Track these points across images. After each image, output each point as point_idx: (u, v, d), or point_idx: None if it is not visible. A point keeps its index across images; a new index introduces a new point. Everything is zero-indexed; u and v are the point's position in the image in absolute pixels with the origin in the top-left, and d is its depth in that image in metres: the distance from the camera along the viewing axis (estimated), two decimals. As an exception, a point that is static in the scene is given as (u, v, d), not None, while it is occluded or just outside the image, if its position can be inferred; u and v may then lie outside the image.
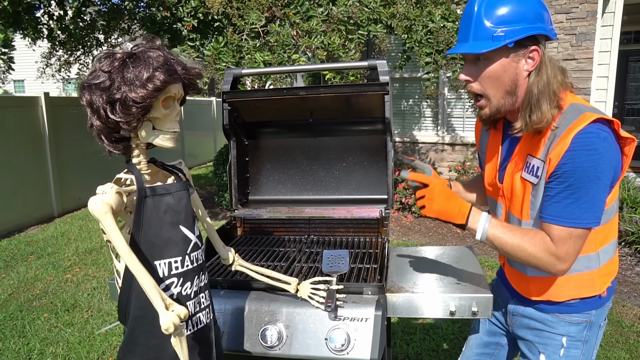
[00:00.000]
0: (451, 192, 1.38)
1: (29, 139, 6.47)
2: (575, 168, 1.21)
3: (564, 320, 1.42)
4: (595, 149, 1.19)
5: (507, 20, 1.24)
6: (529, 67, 1.27)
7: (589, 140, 1.19)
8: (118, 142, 1.12)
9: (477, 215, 1.35)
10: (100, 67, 1.06)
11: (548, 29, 1.26)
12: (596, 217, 1.24)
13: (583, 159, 1.19)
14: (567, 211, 1.24)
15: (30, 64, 8.11)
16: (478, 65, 1.31)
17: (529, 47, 1.25)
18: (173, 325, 0.99)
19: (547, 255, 1.27)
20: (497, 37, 1.24)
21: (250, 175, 2.33)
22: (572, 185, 1.22)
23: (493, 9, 1.26)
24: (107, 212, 0.99)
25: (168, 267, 1.13)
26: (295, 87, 2.66)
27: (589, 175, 1.20)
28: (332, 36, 3.91)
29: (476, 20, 1.28)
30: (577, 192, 1.22)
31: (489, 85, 1.31)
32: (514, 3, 1.24)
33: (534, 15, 1.24)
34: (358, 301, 1.52)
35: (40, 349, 3.25)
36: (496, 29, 1.24)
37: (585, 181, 1.20)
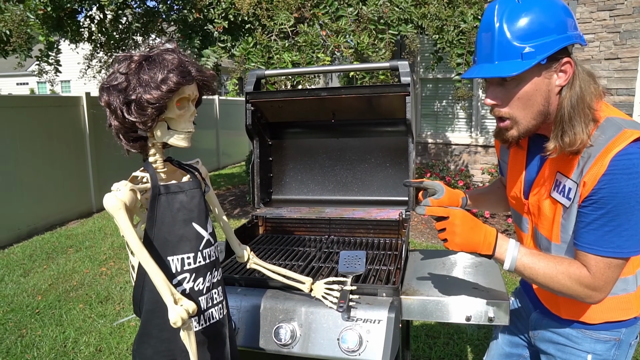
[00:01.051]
0: (474, 221, 1.25)
1: (70, 137, 6.75)
2: (614, 193, 1.09)
3: (590, 337, 1.33)
4: (637, 172, 1.08)
5: (535, 33, 1.11)
6: (561, 81, 1.15)
7: (630, 163, 1.08)
8: (135, 141, 1.17)
9: (505, 244, 1.24)
10: (118, 69, 1.10)
11: (577, 36, 1.15)
12: (638, 245, 1.13)
13: (622, 183, 1.08)
14: (605, 240, 1.13)
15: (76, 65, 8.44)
16: (506, 87, 1.17)
17: (561, 60, 1.13)
18: (181, 320, 1.02)
19: (583, 288, 1.17)
20: (528, 54, 1.10)
21: (273, 175, 2.36)
22: (610, 211, 1.11)
23: (516, 22, 1.12)
24: (121, 209, 1.03)
25: (181, 262, 1.16)
26: (317, 87, 2.67)
27: (630, 201, 1.09)
28: (362, 36, 3.91)
29: (499, 37, 1.13)
30: (616, 219, 1.11)
31: (520, 107, 1.18)
32: (539, 13, 1.12)
33: (561, 24, 1.12)
34: (372, 303, 1.51)
35: (74, 337, 3.39)
36: (524, 45, 1.11)
37: (626, 208, 1.09)
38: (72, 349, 3.26)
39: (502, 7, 1.15)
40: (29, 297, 4.13)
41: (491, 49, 1.15)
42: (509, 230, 5.71)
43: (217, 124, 11.76)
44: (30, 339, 3.40)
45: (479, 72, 1.19)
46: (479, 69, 1.19)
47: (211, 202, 1.41)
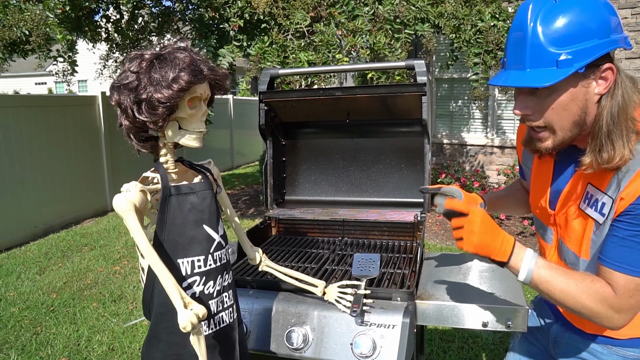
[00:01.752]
0: (495, 224, 1.15)
1: (86, 136, 6.82)
2: None
3: (616, 353, 1.24)
4: None
5: (573, 38, 0.99)
6: (601, 89, 1.03)
7: None
8: (146, 141, 1.15)
9: (522, 253, 1.13)
10: (129, 67, 1.08)
11: (622, 39, 1.03)
12: None
13: None
14: (637, 257, 1.02)
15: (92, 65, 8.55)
16: (538, 97, 1.06)
17: (602, 67, 1.01)
18: (191, 324, 1.00)
19: (605, 309, 1.06)
20: (564, 62, 0.98)
21: (286, 176, 2.33)
22: None
23: (553, 25, 1.00)
24: (130, 210, 1.01)
25: (191, 265, 1.14)
26: (332, 87, 2.64)
27: None
28: (378, 35, 3.87)
29: (532, 41, 1.01)
30: None
31: (554, 117, 1.07)
32: (579, 14, 0.99)
33: (604, 26, 1.00)
34: (386, 307, 1.48)
35: (88, 336, 3.41)
36: (561, 52, 0.99)
37: None
38: (85, 347, 3.28)
39: (537, 6, 1.02)
40: (44, 295, 4.17)
41: (523, 54, 1.04)
42: (525, 233, 5.61)
43: (232, 124, 11.79)
44: (44, 337, 3.43)
45: (508, 80, 1.08)
46: (508, 76, 1.09)
47: (223, 203, 1.39)
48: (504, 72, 1.11)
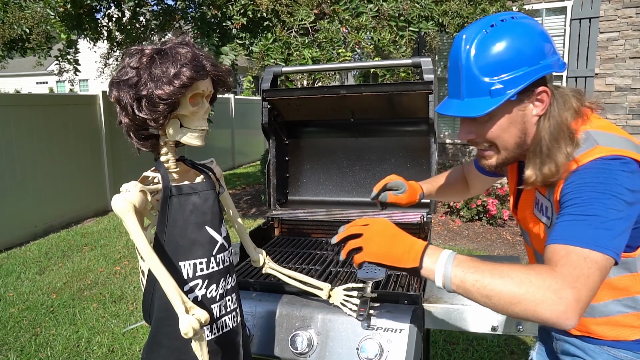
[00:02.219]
0: (397, 229, 1.06)
1: (87, 135, 6.78)
2: (581, 186, 0.97)
3: (607, 352, 1.16)
4: (606, 169, 0.96)
5: (503, 67, 1.01)
6: (538, 111, 1.06)
7: (599, 163, 0.98)
8: (146, 139, 1.11)
9: (437, 254, 0.98)
10: (129, 63, 1.05)
11: (554, 63, 1.04)
12: (614, 245, 0.92)
13: (590, 176, 0.97)
14: (577, 229, 0.93)
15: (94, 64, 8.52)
16: (479, 122, 1.09)
17: (536, 91, 1.04)
18: (192, 330, 0.96)
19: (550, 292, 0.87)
20: (496, 91, 1.02)
21: (289, 175, 2.29)
22: (582, 202, 0.95)
23: (484, 55, 1.02)
24: (130, 211, 0.97)
25: (193, 268, 1.10)
26: (337, 85, 2.60)
27: (599, 188, 0.95)
28: (382, 32, 3.82)
29: (466, 72, 1.04)
30: (588, 208, 0.94)
31: (495, 140, 1.10)
32: (509, 43, 1.01)
33: (535, 53, 1.02)
34: (393, 311, 1.44)
35: (88, 337, 3.37)
36: (493, 81, 1.02)
37: (596, 197, 0.94)
38: (85, 348, 3.24)
39: (469, 37, 1.05)
40: (43, 295, 4.13)
41: (459, 83, 1.07)
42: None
43: (233, 123, 11.76)
44: (44, 338, 3.39)
45: (447, 109, 1.11)
46: (448, 105, 1.12)
47: (225, 204, 1.35)
48: (446, 101, 1.14)
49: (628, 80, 6.54)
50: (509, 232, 5.69)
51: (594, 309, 1.10)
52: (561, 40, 7.06)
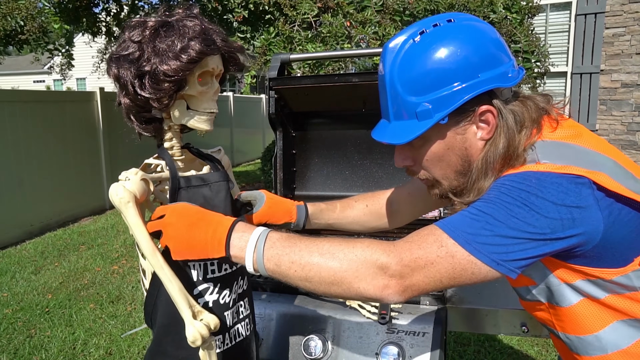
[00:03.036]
0: (200, 213, 0.88)
1: (84, 132, 6.66)
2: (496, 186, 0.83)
3: None
4: (537, 178, 0.80)
5: (431, 84, 0.83)
6: (483, 134, 0.87)
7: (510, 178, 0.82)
8: (148, 123, 0.99)
9: (245, 237, 0.84)
10: (130, 36, 0.93)
11: (500, 75, 0.84)
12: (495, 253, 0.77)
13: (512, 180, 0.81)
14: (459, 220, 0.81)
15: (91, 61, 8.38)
16: (413, 147, 0.92)
17: (477, 111, 0.85)
18: (201, 338, 0.84)
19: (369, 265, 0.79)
20: (423, 112, 0.84)
21: (297, 169, 2.18)
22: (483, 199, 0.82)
23: (410, 70, 0.85)
24: (130, 202, 0.85)
25: (203, 270, 0.98)
26: (348, 73, 2.48)
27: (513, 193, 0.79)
28: (387, 27, 3.72)
29: (391, 90, 0.88)
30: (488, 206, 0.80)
31: (432, 168, 0.93)
32: (439, 54, 0.83)
33: (471, 64, 0.83)
34: (414, 312, 1.34)
35: (84, 339, 3.26)
36: (418, 102, 0.85)
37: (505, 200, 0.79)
38: (82, 351, 3.12)
39: (396, 47, 0.87)
40: (39, 296, 4.01)
41: (385, 103, 0.91)
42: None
43: (232, 122, 11.64)
44: (38, 340, 3.27)
45: (375, 133, 0.95)
46: (378, 129, 0.95)
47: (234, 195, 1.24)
48: (376, 128, 0.97)
49: (634, 76, 6.44)
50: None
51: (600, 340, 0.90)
52: (566, 36, 6.96)
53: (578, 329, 0.90)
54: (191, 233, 0.84)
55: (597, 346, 0.89)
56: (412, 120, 0.87)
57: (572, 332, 0.91)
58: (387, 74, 0.88)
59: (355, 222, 1.33)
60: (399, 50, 0.87)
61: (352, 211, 1.33)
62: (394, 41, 0.89)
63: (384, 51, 0.89)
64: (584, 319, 0.89)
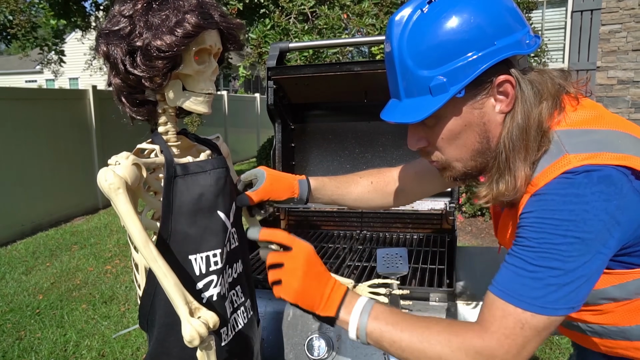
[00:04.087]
0: (322, 267, 0.87)
1: (76, 131, 6.55)
2: (540, 221, 0.75)
3: None
4: (573, 194, 0.74)
5: (445, 56, 0.78)
6: (502, 107, 0.81)
7: (563, 184, 0.75)
8: (141, 105, 0.92)
9: (352, 302, 0.84)
10: (121, 11, 0.85)
11: (518, 42, 0.79)
12: (569, 301, 0.74)
13: (552, 208, 0.75)
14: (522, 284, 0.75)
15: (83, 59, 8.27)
16: (427, 126, 0.86)
17: (495, 82, 0.80)
18: (199, 337, 0.76)
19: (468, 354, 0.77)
20: (437, 87, 0.78)
21: (296, 163, 2.11)
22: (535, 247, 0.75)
23: (420, 41, 0.79)
24: (120, 188, 0.78)
25: (206, 262, 0.91)
26: (350, 62, 2.41)
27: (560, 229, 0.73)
28: (384, 19, 3.65)
29: (400, 65, 0.81)
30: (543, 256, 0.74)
31: (448, 147, 0.87)
32: (450, 23, 0.77)
33: (487, 32, 0.77)
34: (424, 309, 1.27)
35: (76, 340, 3.16)
36: (432, 75, 0.78)
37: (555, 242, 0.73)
38: (73, 353, 3.03)
39: (403, 19, 0.80)
40: (29, 296, 3.91)
41: (395, 80, 0.84)
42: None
43: (226, 121, 11.55)
44: (28, 342, 3.17)
45: (385, 113, 0.88)
46: (388, 108, 0.88)
47: (233, 187, 1.16)
48: (389, 103, 0.89)
49: (630, 73, 6.42)
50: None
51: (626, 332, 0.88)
52: (562, 33, 6.93)
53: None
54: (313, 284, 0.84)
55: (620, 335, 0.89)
56: (426, 96, 0.80)
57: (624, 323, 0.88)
58: (395, 49, 0.81)
59: (359, 199, 1.29)
60: (407, 22, 0.80)
61: (356, 187, 1.28)
62: (399, 14, 0.81)
63: (390, 25, 0.83)
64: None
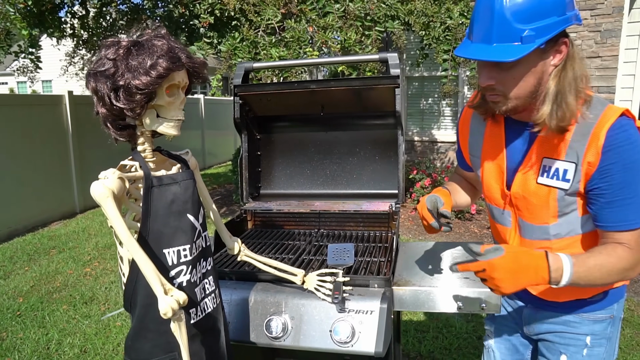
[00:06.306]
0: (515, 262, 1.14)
1: (53, 136, 6.62)
2: (625, 166, 1.12)
3: (588, 319, 1.35)
4: (636, 140, 1.13)
5: (535, 15, 1.06)
6: (556, 61, 1.13)
7: (627, 134, 1.12)
8: (123, 129, 1.14)
9: (557, 263, 1.14)
10: (106, 54, 1.07)
11: (575, 16, 1.12)
12: None
13: (629, 153, 1.12)
14: (632, 212, 1.14)
15: (57, 63, 8.29)
16: (501, 69, 1.14)
17: (559, 41, 1.11)
18: (171, 310, 0.99)
19: (631, 264, 1.16)
20: (527, 37, 1.06)
21: (261, 169, 2.34)
22: (628, 184, 1.13)
23: (518, 2, 1.06)
24: (109, 197, 1.00)
25: (177, 255, 1.14)
26: (307, 80, 2.66)
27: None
28: (349, 32, 3.91)
29: (499, 17, 1.07)
30: (635, 189, 1.13)
31: (513, 87, 1.15)
32: None
33: (562, 4, 1.07)
34: (364, 294, 1.50)
35: (58, 339, 3.32)
36: (525, 28, 1.06)
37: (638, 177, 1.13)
38: (56, 350, 3.19)
39: None
40: (9, 300, 4.03)
41: (490, 28, 1.10)
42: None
43: (203, 124, 11.67)
44: (10, 342, 3.32)
45: (475, 53, 1.13)
46: (476, 50, 1.14)
47: (201, 194, 1.39)
48: (472, 45, 1.16)
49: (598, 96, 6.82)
50: (476, 225, 5.87)
51: None
52: (522, 40, 7.32)
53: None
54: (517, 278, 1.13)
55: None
56: (517, 43, 1.07)
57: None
58: (497, 3, 1.08)
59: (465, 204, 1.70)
60: None
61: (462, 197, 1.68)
62: None
63: None
64: None
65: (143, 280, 1.08)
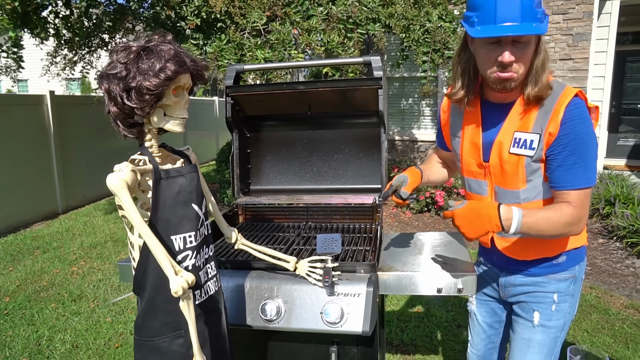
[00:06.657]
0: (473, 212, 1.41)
1: (34, 136, 6.59)
2: (577, 136, 1.36)
3: (554, 279, 1.59)
4: (586, 116, 1.37)
5: (539, 3, 1.32)
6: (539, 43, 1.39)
7: (580, 111, 1.36)
8: (132, 127, 1.25)
9: (508, 214, 1.38)
10: (117, 58, 1.18)
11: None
12: (595, 174, 1.40)
13: (580, 126, 1.36)
14: (578, 174, 1.38)
15: (35, 63, 8.22)
16: (516, 47, 1.33)
17: None
18: (182, 289, 1.11)
19: (574, 220, 1.39)
20: (542, 18, 1.31)
21: (251, 166, 2.45)
22: (576, 151, 1.37)
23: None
24: (124, 187, 1.11)
25: (183, 241, 1.25)
26: (295, 81, 2.78)
27: (588, 140, 1.37)
28: (332, 34, 4.04)
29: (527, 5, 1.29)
30: (582, 156, 1.37)
31: (525, 62, 1.36)
32: None
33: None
34: (351, 279, 1.63)
35: (49, 335, 3.37)
36: (538, 10, 1.30)
37: (586, 146, 1.37)
38: (47, 346, 3.24)
39: None
40: (-4, 298, 4.05)
41: (517, 10, 1.29)
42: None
43: (186, 124, 11.63)
44: (0, 340, 3.35)
45: (511, 29, 1.29)
46: (510, 27, 1.30)
47: (202, 186, 1.50)
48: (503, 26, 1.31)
49: (558, 79, 7.09)
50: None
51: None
52: (498, 42, 7.55)
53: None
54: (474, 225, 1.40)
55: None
56: (537, 22, 1.29)
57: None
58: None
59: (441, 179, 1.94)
60: None
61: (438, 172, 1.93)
62: None
63: None
64: None
65: (153, 263, 1.19)
